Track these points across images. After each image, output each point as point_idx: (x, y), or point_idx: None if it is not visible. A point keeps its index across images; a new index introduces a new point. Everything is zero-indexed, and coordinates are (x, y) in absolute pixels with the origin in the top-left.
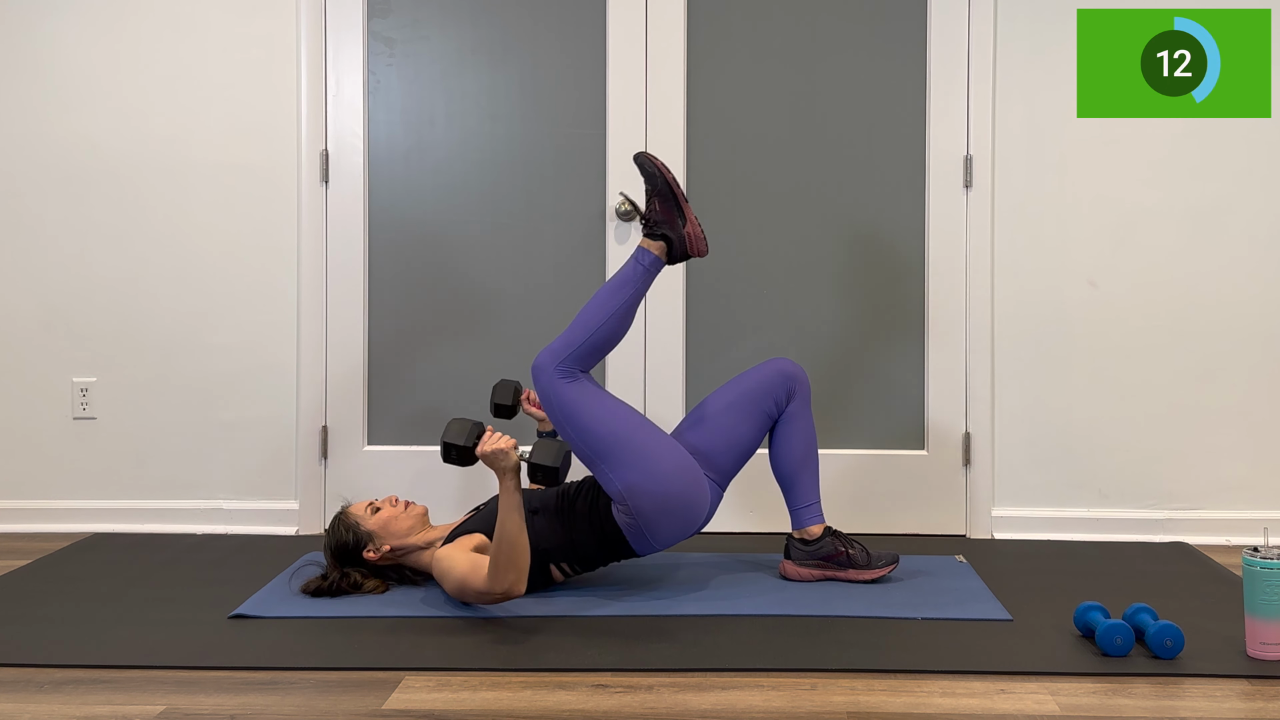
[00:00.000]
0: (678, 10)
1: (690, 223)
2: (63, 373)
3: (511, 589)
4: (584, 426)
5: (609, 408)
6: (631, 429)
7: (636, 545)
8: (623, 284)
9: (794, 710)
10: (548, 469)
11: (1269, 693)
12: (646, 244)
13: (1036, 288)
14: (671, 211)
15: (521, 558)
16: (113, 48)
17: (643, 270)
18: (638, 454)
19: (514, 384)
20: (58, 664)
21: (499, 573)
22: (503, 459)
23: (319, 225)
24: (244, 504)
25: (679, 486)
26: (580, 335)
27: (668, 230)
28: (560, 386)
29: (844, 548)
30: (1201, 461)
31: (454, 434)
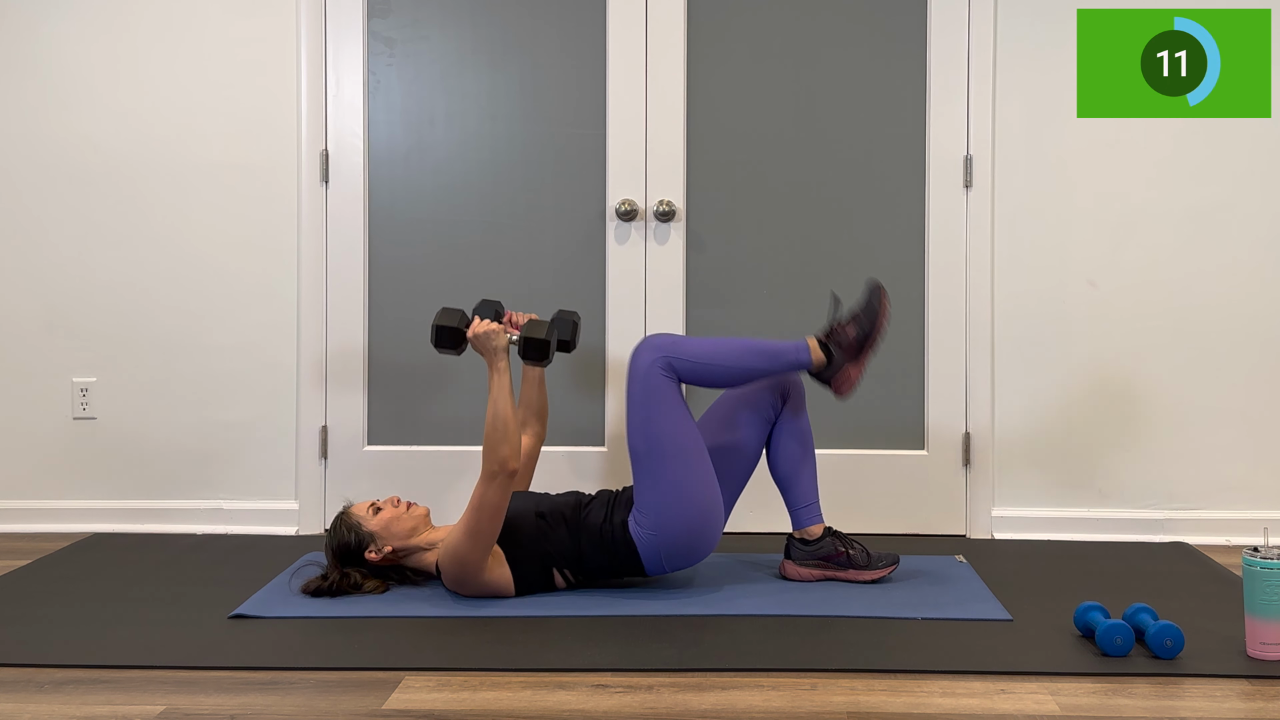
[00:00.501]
0: (678, 10)
1: (858, 368)
2: (63, 373)
3: (507, 462)
4: (655, 422)
5: (686, 423)
6: (691, 451)
7: (649, 563)
8: (768, 353)
9: (794, 710)
10: (538, 341)
11: (1269, 693)
12: (813, 346)
13: (1036, 288)
14: (854, 346)
15: (513, 433)
16: (112, 48)
17: (792, 360)
18: (685, 475)
19: (495, 302)
20: (58, 664)
21: (493, 449)
22: (492, 339)
23: (319, 225)
24: (244, 504)
25: (705, 521)
26: (703, 354)
27: (839, 356)
28: (657, 373)
29: (844, 548)
30: (1201, 461)
31: (445, 318)
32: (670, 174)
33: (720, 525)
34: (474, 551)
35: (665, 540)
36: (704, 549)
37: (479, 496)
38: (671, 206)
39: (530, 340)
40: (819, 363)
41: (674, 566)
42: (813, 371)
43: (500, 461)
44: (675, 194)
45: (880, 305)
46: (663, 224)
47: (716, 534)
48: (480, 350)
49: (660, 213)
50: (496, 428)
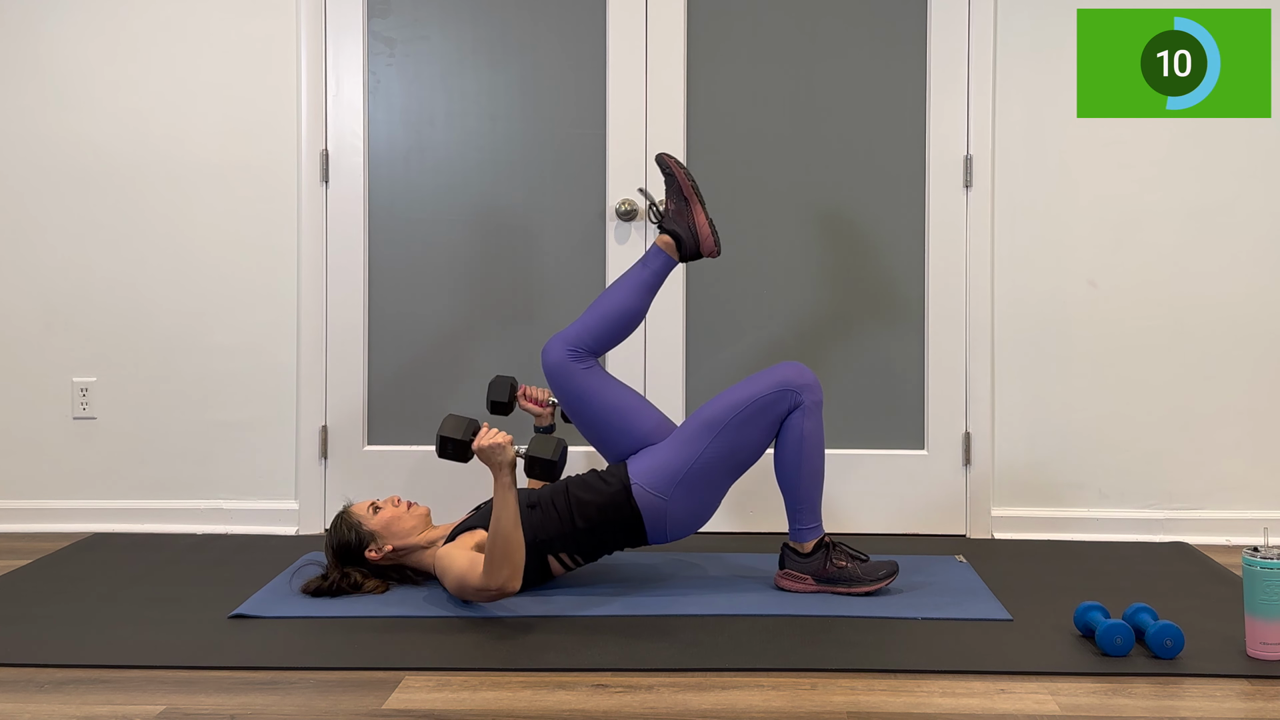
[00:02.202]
0: (678, 10)
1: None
2: (63, 373)
3: (506, 585)
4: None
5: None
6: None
7: (652, 528)
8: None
9: (794, 710)
10: (545, 462)
11: (1269, 693)
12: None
13: (1036, 287)
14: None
15: (516, 554)
16: (112, 48)
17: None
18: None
19: (509, 380)
20: (58, 664)
21: (493, 569)
22: (499, 453)
23: (319, 225)
24: (244, 504)
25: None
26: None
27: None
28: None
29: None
30: (1201, 461)
31: (450, 429)
32: None
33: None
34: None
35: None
36: (700, 522)
37: (473, 587)
38: None
39: (536, 460)
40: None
41: (675, 535)
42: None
43: (500, 582)
44: None
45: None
46: None
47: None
48: (486, 463)
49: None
50: (498, 547)
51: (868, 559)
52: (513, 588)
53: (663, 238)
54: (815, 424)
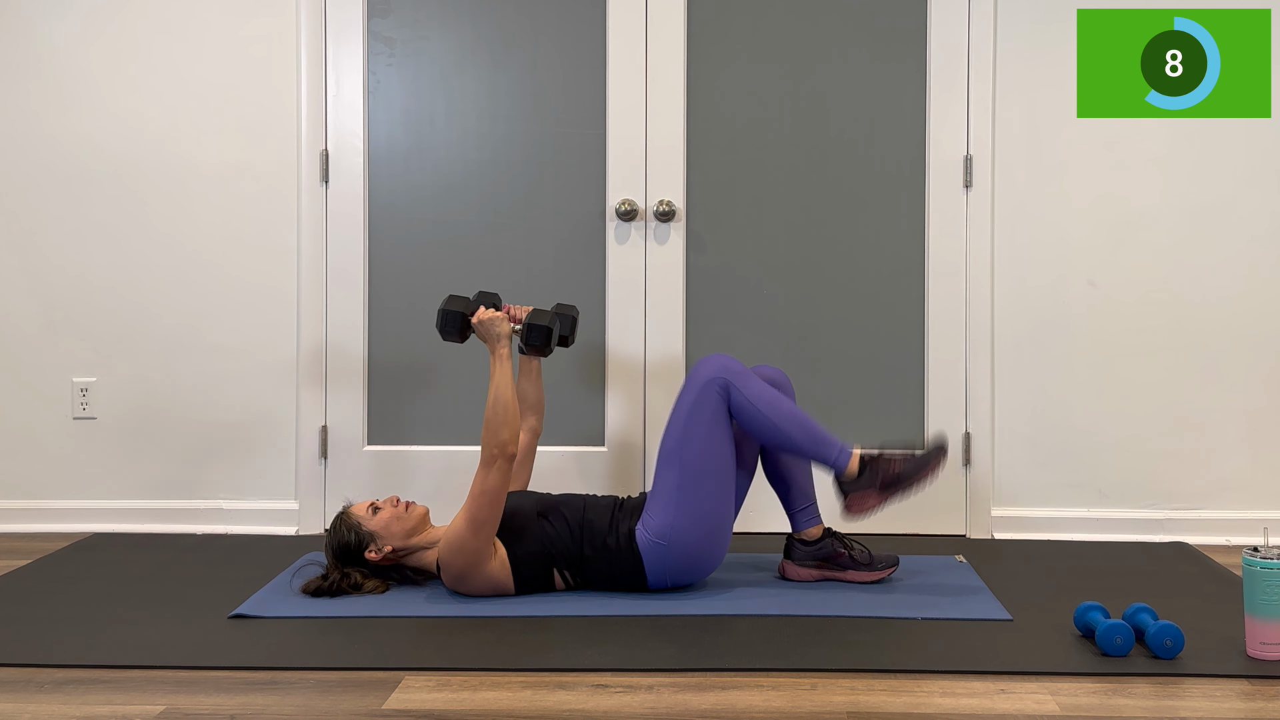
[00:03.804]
0: (678, 10)
1: (879, 499)
2: (63, 373)
3: (506, 446)
4: (695, 434)
5: (723, 442)
6: (720, 472)
7: (653, 574)
8: (814, 437)
9: (794, 710)
10: (541, 328)
11: (1269, 693)
12: (856, 457)
13: (1036, 287)
14: (890, 481)
15: (513, 418)
16: (112, 48)
17: (830, 455)
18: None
19: (494, 295)
20: (58, 664)
21: (493, 433)
22: (496, 325)
23: (319, 225)
24: (244, 504)
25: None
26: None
27: (869, 479)
28: (714, 391)
29: (844, 549)
30: (1201, 461)
31: (452, 303)
32: (670, 174)
33: (725, 548)
34: (475, 539)
35: (674, 553)
36: (708, 567)
37: (479, 483)
38: (671, 206)
39: (534, 327)
40: (850, 474)
41: (676, 582)
42: (839, 478)
43: (500, 445)
44: (675, 194)
45: (934, 463)
46: (663, 224)
47: (721, 555)
48: (483, 337)
49: (660, 213)
50: (498, 411)
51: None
52: (512, 449)
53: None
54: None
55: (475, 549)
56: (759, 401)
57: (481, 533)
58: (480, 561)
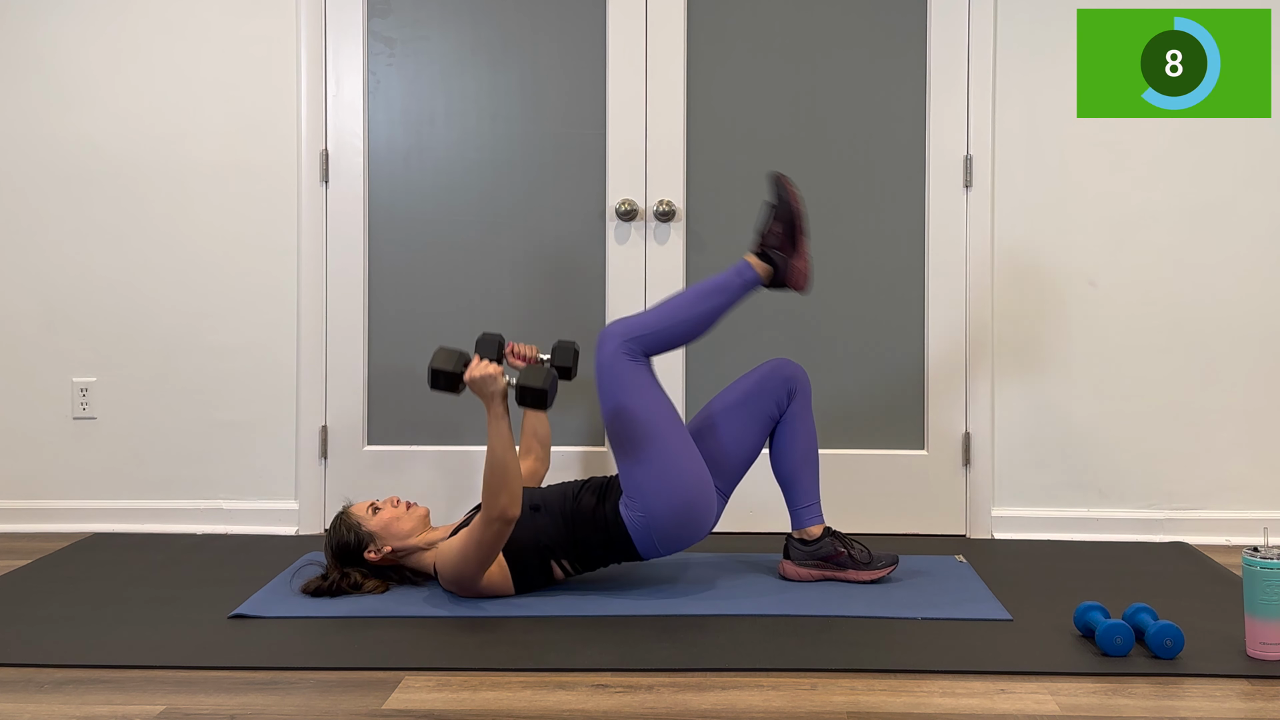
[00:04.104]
0: (678, 10)
1: (802, 257)
2: (63, 373)
3: (506, 510)
4: (627, 406)
5: (656, 398)
6: (669, 426)
7: (641, 546)
8: (715, 290)
9: (794, 710)
10: (536, 390)
11: (1269, 693)
12: (752, 260)
13: (1036, 287)
14: (788, 241)
15: (514, 480)
16: (113, 48)
17: (740, 284)
18: (665, 454)
19: (497, 337)
20: (58, 664)
21: (491, 496)
22: (490, 384)
23: (319, 225)
24: (244, 504)
25: (693, 496)
26: (658, 323)
27: (777, 256)
28: (622, 359)
29: (844, 548)
30: (1201, 461)
31: (441, 361)
32: (670, 174)
33: (711, 506)
34: (469, 572)
35: (656, 522)
36: (697, 529)
37: (478, 535)
38: (671, 206)
39: (527, 389)
40: (766, 273)
41: (668, 548)
42: (766, 283)
43: (500, 510)
44: (675, 194)
45: (788, 191)
46: (663, 224)
47: (708, 514)
48: (477, 394)
49: (660, 213)
50: (495, 475)
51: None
52: (513, 513)
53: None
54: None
55: (470, 577)
56: (659, 322)
57: (476, 569)
58: (475, 583)
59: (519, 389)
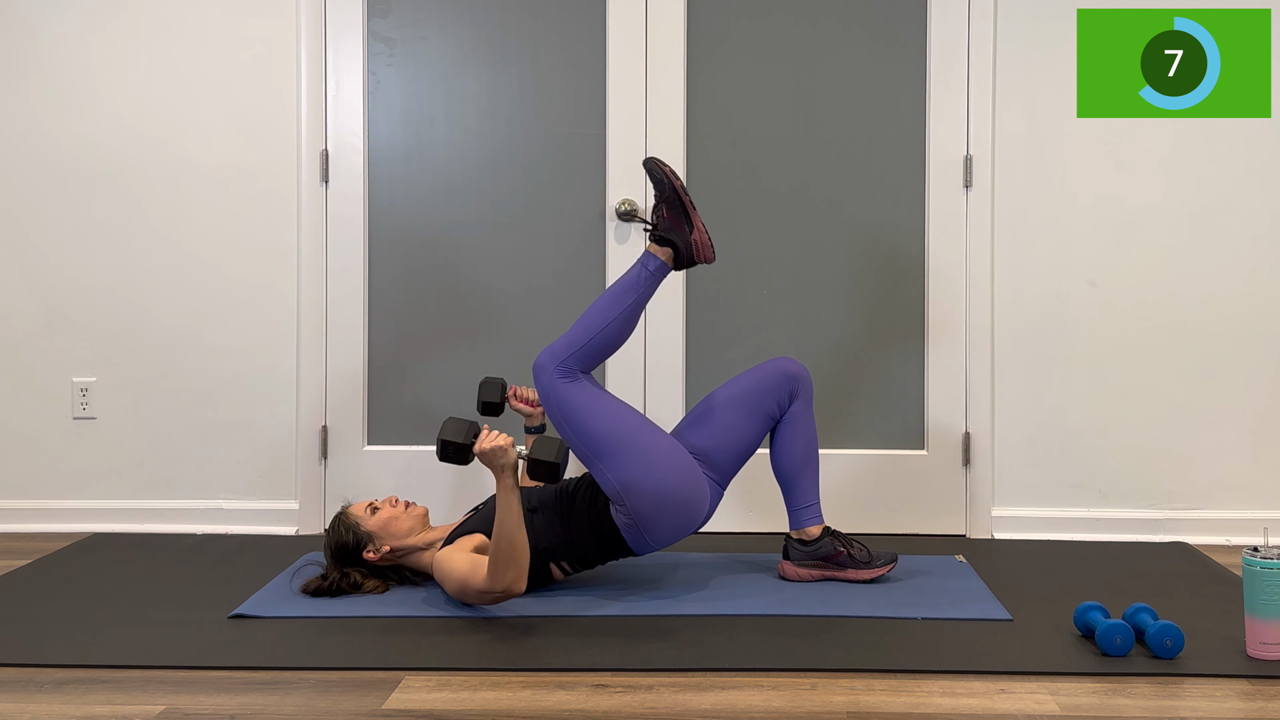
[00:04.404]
0: (678, 10)
1: (697, 230)
2: (63, 373)
3: (512, 587)
4: (582, 426)
5: (608, 407)
6: (629, 428)
7: (634, 545)
8: (627, 288)
9: (794, 710)
10: (548, 464)
11: (1269, 693)
12: (653, 249)
13: (1036, 288)
14: (679, 218)
15: (521, 555)
16: (112, 48)
17: (648, 275)
18: (634, 452)
19: (499, 381)
20: (58, 664)
21: (499, 571)
22: (501, 456)
23: (319, 225)
24: (244, 504)
25: (676, 485)
26: (582, 337)
27: (674, 236)
28: (560, 386)
29: (843, 548)
30: (1201, 461)
31: (451, 432)
32: None
33: (701, 491)
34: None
35: (643, 520)
36: (690, 517)
37: (476, 592)
38: None
39: (539, 463)
40: (669, 256)
41: (661, 541)
42: (675, 266)
43: (506, 584)
44: None
45: (662, 172)
46: None
47: (699, 501)
48: (488, 466)
49: None
50: (502, 549)
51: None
52: (518, 589)
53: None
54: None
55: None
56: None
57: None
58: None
59: (530, 462)
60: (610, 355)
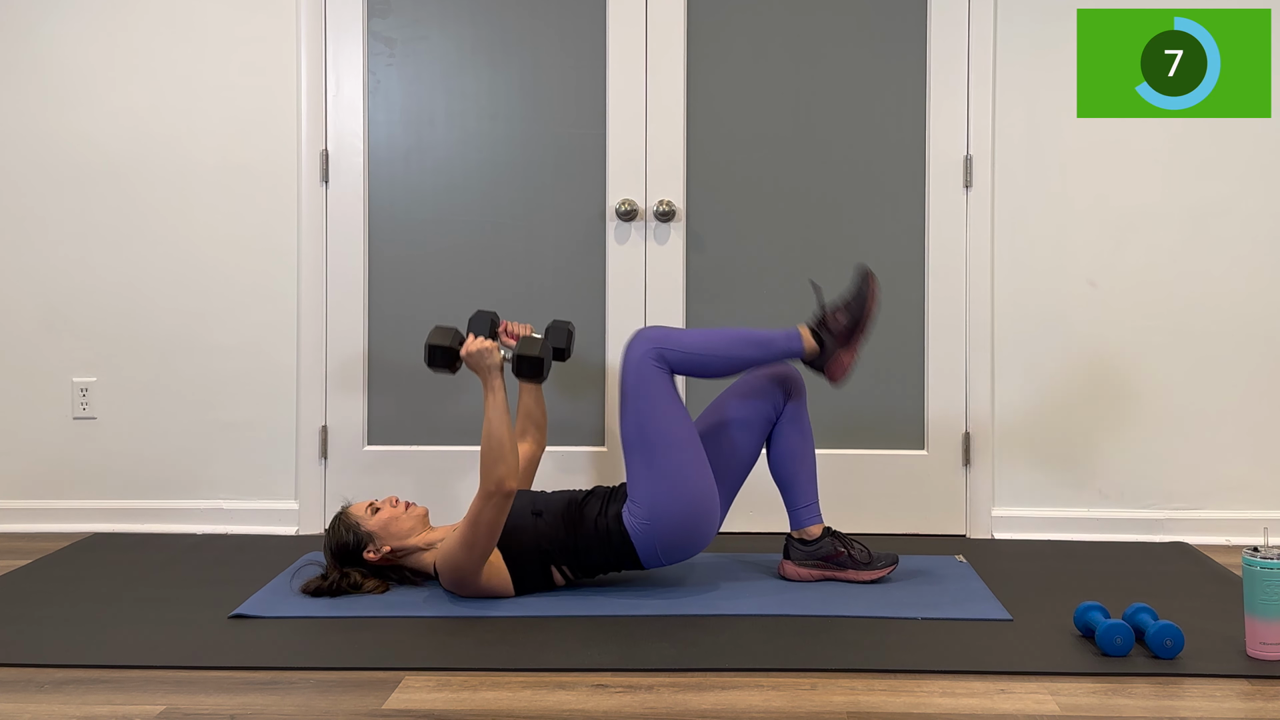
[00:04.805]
0: (678, 10)
1: (851, 353)
2: (63, 373)
3: (504, 482)
4: (646, 412)
5: (677, 412)
6: (685, 442)
7: (644, 554)
8: (759, 343)
9: (794, 710)
10: (532, 359)
11: (1269, 693)
12: (805, 335)
13: (1036, 288)
14: (848, 333)
15: (509, 453)
16: (112, 48)
17: (784, 349)
18: (679, 466)
19: (490, 314)
20: (58, 664)
21: (490, 468)
22: (487, 357)
23: (319, 225)
24: (244, 504)
25: (699, 509)
26: (696, 346)
27: (830, 341)
28: (649, 365)
29: (843, 548)
30: (1201, 461)
31: (438, 337)
32: (670, 174)
33: (715, 518)
34: (470, 562)
35: (659, 531)
36: (699, 541)
37: (476, 513)
38: (671, 206)
39: (524, 358)
40: (811, 350)
41: (670, 559)
42: (805, 359)
43: (497, 482)
44: (675, 194)
45: (869, 290)
46: (663, 224)
47: (712, 526)
48: (474, 369)
49: (660, 213)
50: (491, 448)
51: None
52: (510, 485)
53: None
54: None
55: (470, 568)
56: (695, 347)
57: (476, 555)
58: (476, 576)
59: (516, 359)
60: (696, 377)
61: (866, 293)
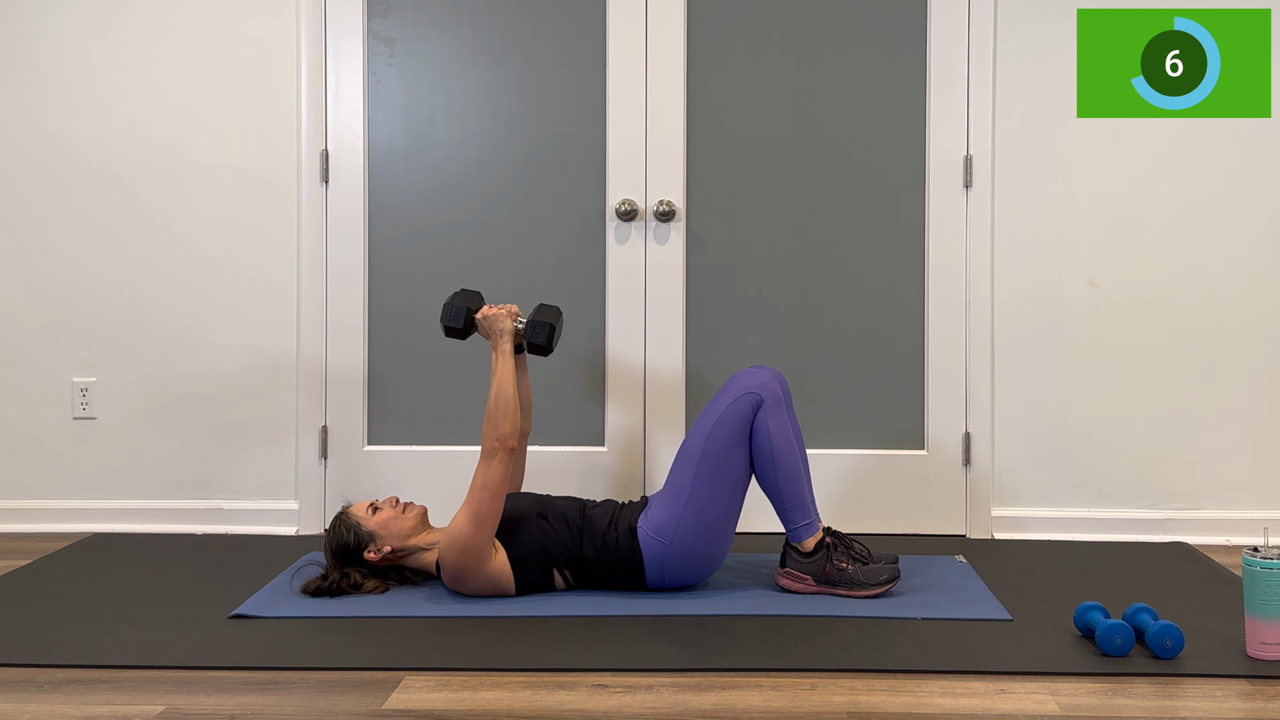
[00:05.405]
0: (678, 10)
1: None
2: (63, 373)
3: (508, 439)
4: (719, 436)
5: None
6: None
7: (651, 572)
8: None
9: (794, 710)
10: (545, 325)
11: (1269, 693)
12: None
13: (1036, 287)
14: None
15: (514, 411)
16: (113, 48)
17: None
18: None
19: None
20: (58, 664)
21: (494, 425)
22: (499, 322)
23: (319, 225)
24: (244, 504)
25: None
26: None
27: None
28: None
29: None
30: (1201, 461)
31: (457, 298)
32: (670, 174)
33: (724, 553)
34: (477, 535)
35: (673, 552)
36: (705, 570)
37: (480, 477)
38: (671, 206)
39: (538, 324)
40: (804, 549)
41: (675, 582)
42: (791, 543)
43: (501, 438)
44: (675, 194)
45: (884, 586)
46: (663, 224)
47: (719, 560)
48: (486, 333)
49: (660, 213)
50: (499, 405)
51: (869, 558)
52: (513, 442)
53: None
54: (779, 421)
55: (477, 546)
56: (775, 435)
57: (483, 528)
58: (481, 560)
59: (530, 323)
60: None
61: (880, 585)
